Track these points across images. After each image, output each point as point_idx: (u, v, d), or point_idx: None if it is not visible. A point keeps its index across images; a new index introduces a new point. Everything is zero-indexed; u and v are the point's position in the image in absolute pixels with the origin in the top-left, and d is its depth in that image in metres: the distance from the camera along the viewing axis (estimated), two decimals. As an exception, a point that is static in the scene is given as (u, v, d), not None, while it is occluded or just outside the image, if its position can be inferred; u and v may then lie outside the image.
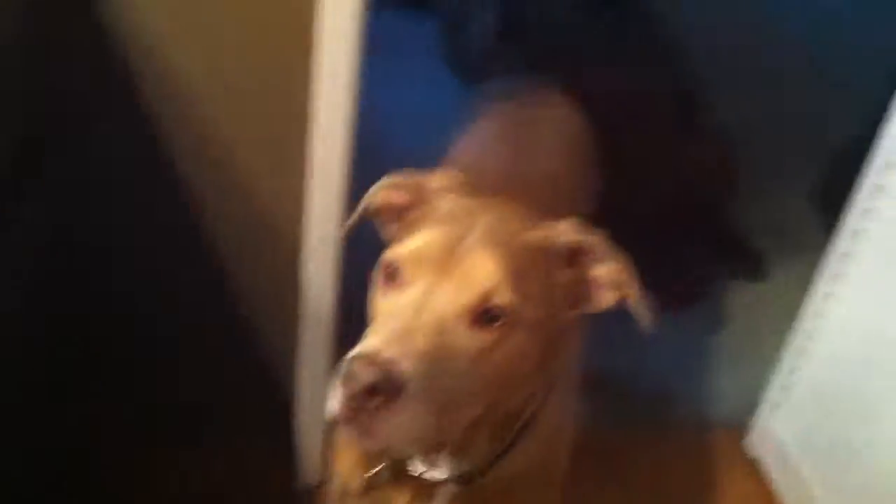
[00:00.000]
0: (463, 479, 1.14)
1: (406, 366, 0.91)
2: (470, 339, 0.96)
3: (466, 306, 0.97)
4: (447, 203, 1.08)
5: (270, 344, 1.69)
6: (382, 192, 1.14)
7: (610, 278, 1.07)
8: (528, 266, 1.01)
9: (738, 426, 2.06)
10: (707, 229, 2.47)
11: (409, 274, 1.00)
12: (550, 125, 1.68)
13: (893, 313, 1.64)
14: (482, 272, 0.98)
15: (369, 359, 0.90)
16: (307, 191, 1.50)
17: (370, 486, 1.18)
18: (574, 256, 1.07)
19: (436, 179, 1.13)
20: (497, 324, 0.97)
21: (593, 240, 1.07)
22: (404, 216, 1.12)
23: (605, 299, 1.08)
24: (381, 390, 0.89)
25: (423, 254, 1.00)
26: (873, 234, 1.67)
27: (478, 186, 1.13)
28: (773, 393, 1.97)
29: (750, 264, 2.48)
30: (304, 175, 1.49)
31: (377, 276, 1.04)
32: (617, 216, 2.21)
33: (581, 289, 1.08)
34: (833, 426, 1.81)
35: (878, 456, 1.68)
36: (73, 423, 1.63)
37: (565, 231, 1.07)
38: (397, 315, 0.96)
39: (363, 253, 1.12)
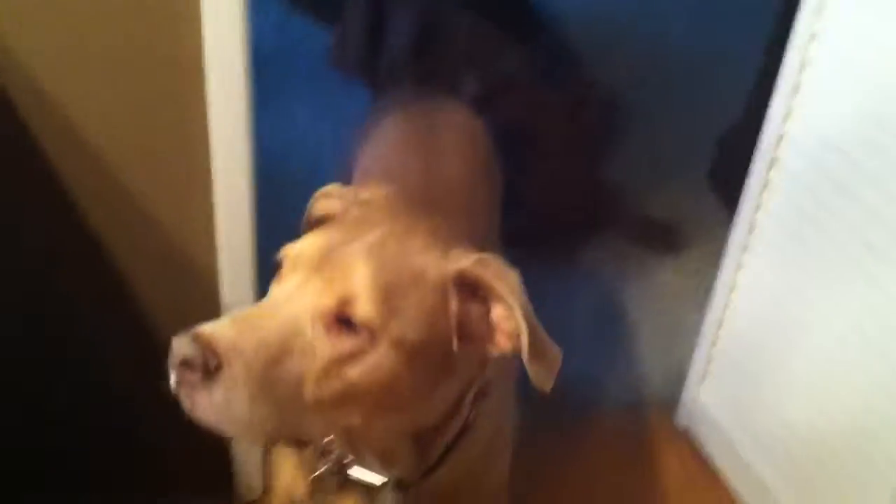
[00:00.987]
0: (400, 486, 1.15)
1: (227, 347, 0.90)
2: (322, 344, 0.94)
3: (323, 309, 0.94)
4: (357, 212, 1.07)
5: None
6: (318, 203, 1.14)
7: (505, 324, 1.01)
8: (407, 286, 0.97)
9: (667, 402, 2.11)
10: (615, 210, 2.56)
11: (287, 270, 0.99)
12: (452, 132, 1.69)
13: (798, 279, 1.71)
14: (348, 279, 0.95)
15: (194, 335, 0.91)
16: (216, 220, 1.51)
17: (314, 490, 1.19)
18: (477, 291, 1.01)
19: (367, 191, 1.12)
20: (354, 334, 0.94)
21: (489, 278, 1.00)
22: None
23: (502, 344, 1.02)
24: (197, 365, 0.89)
25: (303, 253, 0.99)
26: (772, 205, 1.74)
27: (403, 203, 1.11)
28: (697, 365, 2.03)
29: (661, 237, 2.56)
30: (211, 204, 1.49)
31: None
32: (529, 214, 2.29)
33: (482, 327, 1.02)
34: (757, 391, 1.87)
35: (800, 416, 1.75)
36: None
37: (462, 262, 1.00)
38: (257, 306, 0.97)
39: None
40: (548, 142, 2.33)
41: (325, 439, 1.13)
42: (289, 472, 1.27)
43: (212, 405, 0.91)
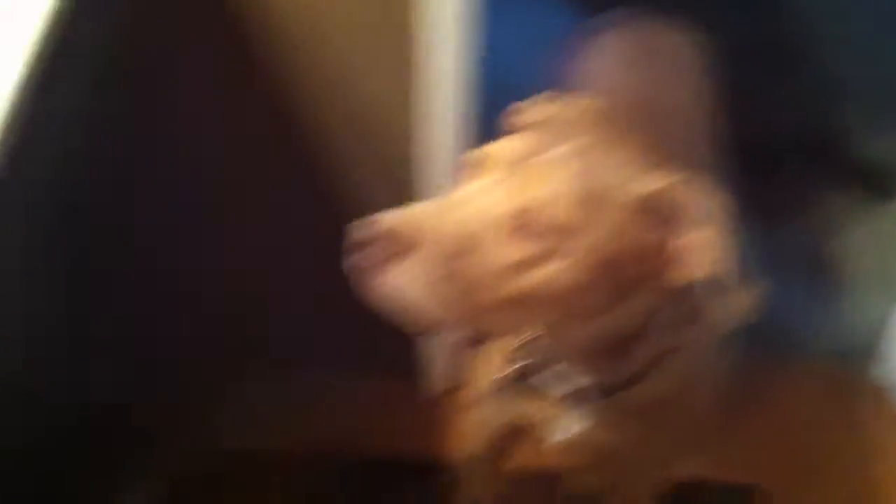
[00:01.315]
0: (585, 399, 1.16)
1: (414, 232, 0.91)
2: (508, 245, 0.93)
3: (512, 210, 0.92)
4: (563, 121, 1.03)
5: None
6: (525, 112, 1.09)
7: (695, 252, 0.94)
8: (600, 199, 0.93)
9: (868, 356, 2.04)
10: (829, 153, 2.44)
11: (483, 168, 0.98)
12: (672, 56, 1.63)
13: None
14: (542, 184, 0.93)
15: (382, 218, 0.92)
16: (423, 124, 1.52)
17: (501, 390, 1.22)
18: (672, 214, 0.96)
19: (576, 102, 1.09)
20: (540, 240, 0.92)
21: (684, 202, 0.95)
22: None
23: (690, 272, 0.95)
24: (382, 247, 0.91)
25: (500, 153, 0.97)
26: None
27: (612, 117, 1.07)
28: (899, 321, 1.94)
29: (877, 181, 2.42)
30: (414, 98, 1.50)
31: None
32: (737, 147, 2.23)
33: (672, 251, 0.96)
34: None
35: None
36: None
37: (661, 182, 0.96)
38: (449, 198, 0.97)
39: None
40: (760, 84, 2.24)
41: (514, 344, 1.17)
42: (486, 368, 1.29)
43: (391, 288, 0.92)
